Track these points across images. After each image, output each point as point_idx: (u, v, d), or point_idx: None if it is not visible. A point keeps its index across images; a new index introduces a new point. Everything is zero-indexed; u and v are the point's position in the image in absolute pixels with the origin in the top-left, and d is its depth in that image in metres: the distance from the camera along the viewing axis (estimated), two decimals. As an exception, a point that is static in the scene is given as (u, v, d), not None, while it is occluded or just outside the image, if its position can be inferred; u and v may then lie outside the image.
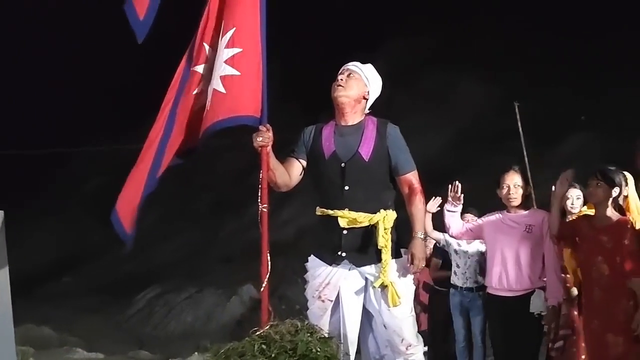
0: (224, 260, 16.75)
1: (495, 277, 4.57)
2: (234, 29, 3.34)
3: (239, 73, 3.30)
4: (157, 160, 3.39)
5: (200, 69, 3.45)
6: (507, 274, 4.52)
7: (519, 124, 13.50)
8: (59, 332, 12.13)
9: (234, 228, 17.99)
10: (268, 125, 3.35)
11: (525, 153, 12.86)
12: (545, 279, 4.47)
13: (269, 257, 3.37)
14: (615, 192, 4.08)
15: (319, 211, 3.50)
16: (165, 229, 18.23)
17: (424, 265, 3.49)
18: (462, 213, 4.88)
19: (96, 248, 18.39)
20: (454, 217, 4.67)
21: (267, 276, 3.37)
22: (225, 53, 3.33)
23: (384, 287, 3.35)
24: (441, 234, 5.15)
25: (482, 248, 5.17)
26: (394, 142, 3.48)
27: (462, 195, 4.67)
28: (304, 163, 3.56)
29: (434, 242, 5.55)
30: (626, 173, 4.24)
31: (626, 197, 4.25)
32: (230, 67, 3.31)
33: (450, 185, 4.69)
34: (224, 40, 3.35)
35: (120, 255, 18.35)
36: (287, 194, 3.72)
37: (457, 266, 5.22)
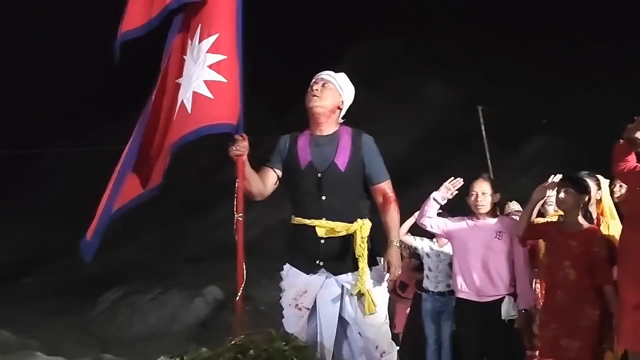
0: (190, 261, 16.63)
1: (464, 282, 4.59)
2: (217, 35, 3.34)
3: (225, 80, 3.33)
4: (115, 189, 3.41)
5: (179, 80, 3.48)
6: (476, 280, 4.53)
7: (483, 127, 13.75)
8: (18, 336, 11.87)
9: (200, 228, 17.88)
10: (244, 135, 3.35)
11: (488, 156, 13.10)
12: (514, 286, 4.53)
13: (244, 267, 3.35)
14: (584, 199, 4.16)
15: (294, 220, 3.50)
16: (130, 228, 18.01)
17: (400, 273, 3.54)
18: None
19: (58, 248, 18.09)
20: (434, 208, 4.69)
21: (243, 285, 3.34)
22: (208, 57, 3.33)
23: (360, 295, 3.38)
24: (413, 238, 5.17)
25: None
26: (368, 152, 3.51)
27: (456, 194, 4.71)
28: (279, 173, 3.56)
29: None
30: (599, 176, 4.31)
31: (600, 200, 4.33)
32: (215, 73, 3.32)
33: (452, 179, 4.68)
34: (205, 43, 3.34)
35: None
36: (246, 203, 3.70)
37: (429, 270, 5.24)
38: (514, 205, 5.42)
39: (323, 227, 3.38)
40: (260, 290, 16.23)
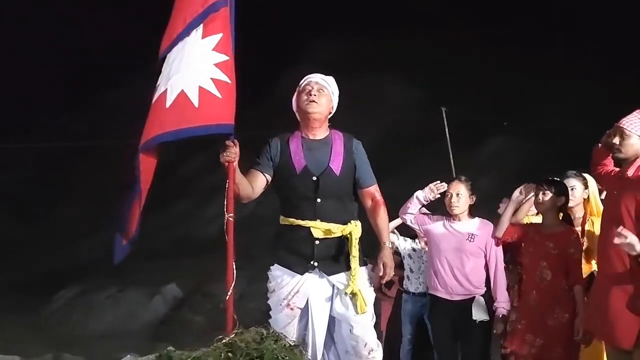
0: (148, 258, 16.41)
1: (437, 281, 4.72)
2: (222, 35, 3.40)
3: (229, 81, 3.39)
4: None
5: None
6: (447, 280, 4.68)
7: (446, 128, 13.90)
8: (-31, 334, 11.55)
9: (158, 225, 17.65)
10: (235, 141, 3.41)
11: (451, 156, 13.25)
12: (486, 286, 4.64)
13: (234, 266, 3.39)
14: (561, 201, 4.27)
15: (287, 221, 3.56)
16: (87, 224, 17.71)
17: (393, 274, 3.65)
18: None
19: (11, 244, 17.64)
20: (415, 206, 4.83)
21: (233, 285, 3.36)
22: (214, 56, 3.38)
23: (353, 294, 3.48)
24: (396, 236, 5.22)
25: None
26: (359, 157, 3.65)
27: (438, 197, 4.82)
28: (269, 177, 3.62)
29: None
30: (586, 175, 4.42)
31: (587, 199, 4.45)
32: (222, 73, 3.37)
33: (438, 182, 4.82)
34: (209, 40, 3.39)
35: (37, 252, 17.68)
36: (212, 191, 3.72)
37: (411, 270, 5.28)
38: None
39: (319, 229, 3.47)
40: (220, 286, 16.14)
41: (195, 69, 3.37)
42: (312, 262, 3.50)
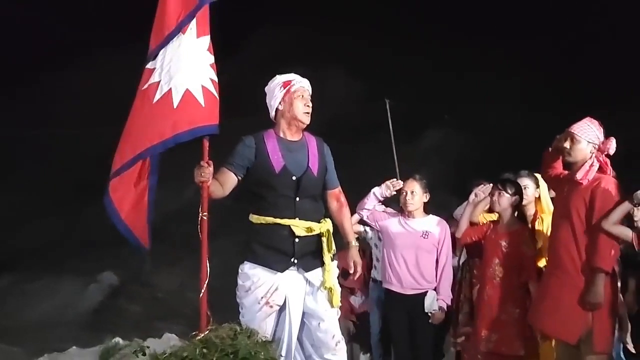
0: (84, 245, 16.10)
1: (391, 275, 4.90)
2: (209, 36, 3.51)
3: (217, 80, 3.53)
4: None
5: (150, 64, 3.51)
6: (401, 275, 4.88)
7: (390, 120, 14.11)
8: None
9: (94, 212, 17.28)
10: (210, 162, 3.48)
11: (394, 148, 13.48)
12: (435, 281, 4.86)
13: (208, 264, 3.43)
14: (516, 200, 4.47)
15: (265, 220, 3.60)
16: (22, 212, 17.19)
17: (361, 271, 3.79)
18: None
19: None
20: (372, 201, 4.99)
21: (206, 282, 3.40)
22: (207, 56, 3.49)
23: (328, 289, 3.62)
24: (363, 228, 5.35)
25: None
26: (329, 160, 3.81)
27: (394, 194, 4.99)
28: (241, 177, 3.67)
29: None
30: (538, 175, 4.63)
31: (538, 197, 4.66)
32: (214, 73, 3.50)
33: (394, 180, 5.02)
34: (203, 40, 3.48)
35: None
36: None
37: (377, 260, 5.42)
38: None
39: (300, 227, 3.57)
40: (158, 277, 15.99)
41: (196, 69, 3.43)
42: (292, 260, 3.58)
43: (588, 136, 3.96)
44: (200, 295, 3.39)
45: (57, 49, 19.17)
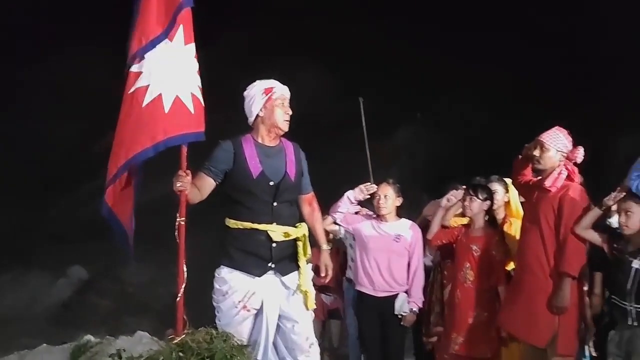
0: (53, 239, 15.92)
1: (364, 277, 4.98)
2: (194, 44, 3.53)
3: (200, 86, 3.56)
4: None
5: (135, 68, 3.50)
6: (373, 278, 4.96)
7: (363, 118, 14.19)
8: None
9: (64, 205, 17.12)
10: (188, 171, 3.50)
11: (367, 146, 13.57)
12: (407, 284, 4.94)
13: (185, 268, 3.45)
14: (487, 205, 4.58)
15: (239, 225, 3.64)
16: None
17: (332, 274, 3.89)
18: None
19: None
20: (345, 204, 5.06)
21: (183, 287, 3.42)
22: (194, 63, 3.53)
23: (304, 292, 3.67)
24: (338, 228, 5.39)
25: None
26: (304, 165, 3.86)
27: (367, 197, 5.06)
28: (219, 181, 3.70)
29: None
30: (507, 180, 4.74)
31: (508, 202, 4.77)
32: (199, 80, 3.54)
33: (368, 183, 5.09)
34: (190, 48, 3.51)
35: None
36: None
37: (352, 260, 5.47)
38: None
39: (278, 232, 3.61)
40: (127, 271, 15.88)
41: (185, 77, 3.47)
42: (269, 264, 3.62)
43: (557, 145, 4.09)
44: (177, 299, 3.41)
45: (24, 41, 18.87)
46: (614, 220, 4.49)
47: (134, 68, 3.47)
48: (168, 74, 3.43)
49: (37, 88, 18.86)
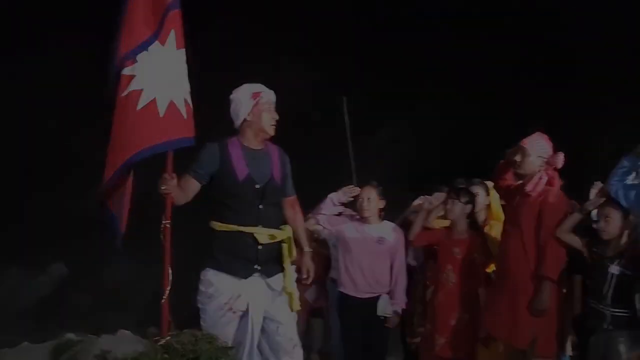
0: (34, 235, 15.78)
1: (347, 279, 5.02)
2: (184, 49, 3.56)
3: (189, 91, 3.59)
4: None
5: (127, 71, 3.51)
6: (356, 280, 5.01)
7: (346, 117, 14.22)
8: None
9: (44, 200, 16.96)
10: (174, 174, 3.54)
11: (350, 144, 13.60)
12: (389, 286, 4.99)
13: (170, 270, 3.48)
14: (469, 208, 4.65)
15: (228, 227, 3.66)
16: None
17: (313, 276, 3.94)
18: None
19: None
20: (328, 206, 5.12)
21: (168, 289, 3.45)
22: (185, 68, 3.56)
23: (289, 294, 3.72)
24: (322, 228, 5.42)
25: None
26: (288, 168, 3.92)
27: (350, 199, 5.10)
28: (204, 183, 3.73)
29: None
30: (488, 183, 4.81)
31: (489, 205, 4.84)
32: (189, 84, 3.57)
33: (351, 186, 5.16)
34: (181, 53, 3.53)
35: None
36: (98, 174, 3.75)
37: (336, 260, 5.50)
38: None
39: (264, 234, 3.65)
40: (110, 269, 15.79)
41: (178, 82, 3.51)
42: (255, 266, 3.66)
43: (538, 150, 4.16)
44: (162, 301, 3.43)
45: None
46: (594, 215, 4.54)
47: (126, 71, 3.48)
48: (161, 78, 3.46)
49: (13, 81, 18.67)
